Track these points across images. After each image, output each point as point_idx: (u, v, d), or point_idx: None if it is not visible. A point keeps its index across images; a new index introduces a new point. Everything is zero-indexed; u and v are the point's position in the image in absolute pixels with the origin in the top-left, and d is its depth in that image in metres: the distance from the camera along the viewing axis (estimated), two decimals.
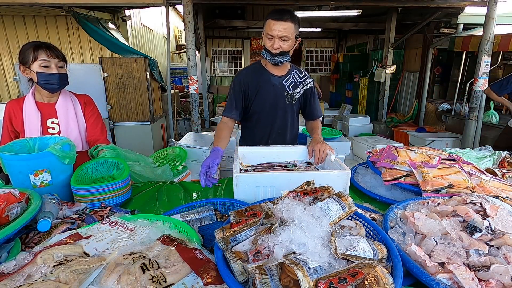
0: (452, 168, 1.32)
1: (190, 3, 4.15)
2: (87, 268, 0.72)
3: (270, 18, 1.49)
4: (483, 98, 4.32)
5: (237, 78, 1.68)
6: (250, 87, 1.67)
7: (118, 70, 4.20)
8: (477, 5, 4.96)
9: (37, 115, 1.52)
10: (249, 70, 1.70)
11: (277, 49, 1.51)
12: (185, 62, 4.98)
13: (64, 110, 1.57)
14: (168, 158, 2.53)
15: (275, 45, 1.50)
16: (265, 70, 1.68)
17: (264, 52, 1.58)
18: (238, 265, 0.72)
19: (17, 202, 1.01)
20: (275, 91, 1.68)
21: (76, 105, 1.64)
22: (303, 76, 1.75)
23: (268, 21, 1.50)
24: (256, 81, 1.66)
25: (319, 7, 6.51)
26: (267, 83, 1.67)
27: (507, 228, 0.85)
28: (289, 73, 1.71)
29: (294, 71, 1.73)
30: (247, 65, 1.78)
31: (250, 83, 1.66)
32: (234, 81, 1.69)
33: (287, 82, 1.70)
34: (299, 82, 1.73)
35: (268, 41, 1.53)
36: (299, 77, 1.73)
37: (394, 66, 6.71)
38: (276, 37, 1.49)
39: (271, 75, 1.68)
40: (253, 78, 1.67)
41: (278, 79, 1.68)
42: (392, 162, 1.42)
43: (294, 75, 1.72)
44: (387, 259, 0.75)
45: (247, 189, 1.21)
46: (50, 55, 1.45)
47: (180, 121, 6.17)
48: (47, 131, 1.55)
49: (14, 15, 5.34)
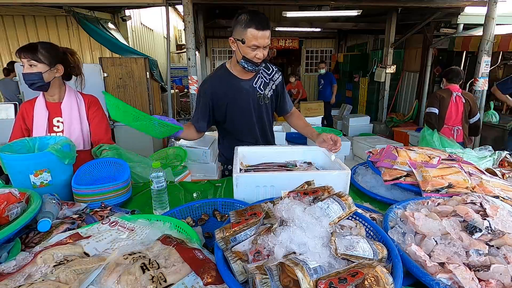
0: (452, 168, 1.32)
1: (190, 3, 4.16)
2: (87, 268, 0.72)
3: (254, 27, 1.36)
4: (483, 98, 4.33)
5: (202, 88, 1.60)
6: (219, 97, 1.59)
7: (118, 70, 4.20)
8: (477, 5, 4.96)
9: (45, 114, 1.58)
10: (215, 79, 1.61)
11: (261, 58, 1.45)
12: (185, 62, 4.98)
13: (68, 110, 1.62)
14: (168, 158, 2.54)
15: (260, 55, 1.44)
16: (233, 77, 1.59)
17: (244, 62, 1.47)
18: (238, 265, 0.72)
19: (17, 202, 1.01)
20: (247, 96, 1.61)
21: (81, 104, 1.67)
22: (271, 72, 1.67)
23: (250, 31, 1.37)
24: (224, 89, 1.58)
25: (319, 7, 6.51)
26: (238, 90, 1.59)
27: (507, 228, 0.85)
28: (257, 73, 1.63)
29: (262, 69, 1.65)
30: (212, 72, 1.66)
31: (218, 93, 1.58)
32: (200, 91, 1.61)
33: (257, 84, 1.63)
34: (268, 79, 1.66)
35: (251, 52, 1.42)
36: (267, 75, 1.66)
37: (394, 66, 6.71)
38: (261, 47, 1.41)
39: (240, 81, 1.60)
40: (221, 87, 1.59)
41: (248, 82, 1.61)
42: (392, 162, 1.41)
43: (262, 74, 1.65)
44: (387, 259, 0.75)
45: (247, 189, 1.21)
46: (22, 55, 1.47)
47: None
48: (52, 129, 1.61)
49: (14, 15, 5.34)
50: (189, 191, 1.50)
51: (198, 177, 2.92)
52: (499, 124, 4.52)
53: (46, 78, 1.51)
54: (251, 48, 1.41)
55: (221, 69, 1.64)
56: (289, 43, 9.61)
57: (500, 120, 4.67)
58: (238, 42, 1.44)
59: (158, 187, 1.18)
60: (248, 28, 1.37)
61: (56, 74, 1.56)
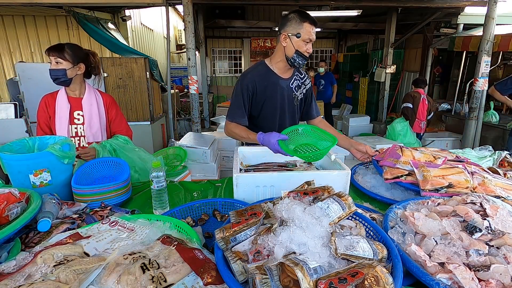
0: (455, 169, 1.32)
1: (190, 3, 4.15)
2: (87, 268, 0.72)
3: (309, 22, 1.49)
4: (483, 98, 4.33)
5: (243, 82, 1.60)
6: (258, 92, 1.61)
7: (118, 70, 4.20)
8: (477, 5, 4.96)
9: (67, 106, 1.75)
10: (256, 73, 1.62)
11: (310, 52, 1.55)
12: (185, 62, 4.98)
13: (88, 105, 1.78)
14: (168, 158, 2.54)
15: (310, 49, 1.54)
16: (272, 73, 1.63)
17: (297, 56, 1.55)
18: (238, 265, 0.72)
19: (17, 202, 1.01)
20: (284, 94, 1.66)
21: (100, 101, 1.83)
22: (303, 77, 1.75)
23: (306, 25, 1.49)
24: (264, 85, 1.61)
25: (319, 7, 6.50)
26: (276, 87, 1.63)
27: (507, 228, 0.85)
28: (293, 75, 1.70)
29: (296, 72, 1.73)
30: (251, 67, 1.68)
31: (258, 88, 1.61)
32: (241, 85, 1.60)
33: (293, 84, 1.69)
34: (301, 83, 1.73)
35: (304, 45, 1.52)
36: (300, 78, 1.73)
37: (394, 66, 6.71)
38: (312, 41, 1.53)
39: (279, 79, 1.64)
40: (261, 82, 1.61)
41: (285, 81, 1.66)
42: (395, 161, 1.42)
43: (296, 77, 1.72)
44: (387, 259, 0.75)
45: (247, 189, 1.21)
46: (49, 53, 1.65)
47: (180, 121, 6.17)
48: (73, 121, 1.77)
49: (14, 15, 5.34)
50: (189, 191, 1.50)
51: (198, 177, 2.92)
52: (499, 124, 4.52)
53: (69, 74, 1.67)
54: (305, 42, 1.51)
55: (261, 65, 1.67)
56: None
57: (500, 120, 4.67)
58: (292, 37, 1.52)
59: (158, 187, 1.18)
60: (304, 22, 1.49)
61: (78, 72, 1.71)
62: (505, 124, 4.33)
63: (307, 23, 1.49)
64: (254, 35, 9.57)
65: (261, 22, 8.11)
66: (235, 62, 10.14)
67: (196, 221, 1.15)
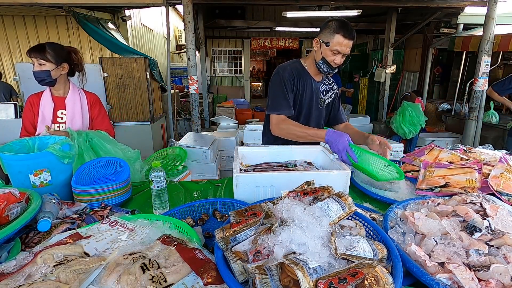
0: (463, 169, 1.31)
1: (190, 3, 4.15)
2: (87, 268, 0.72)
3: (342, 34, 1.46)
4: (483, 98, 4.33)
5: (285, 74, 1.61)
6: (296, 86, 1.64)
7: (118, 70, 4.20)
8: (477, 5, 4.96)
9: (51, 106, 1.75)
10: (294, 68, 1.65)
11: (337, 64, 1.54)
12: (185, 62, 4.98)
13: (71, 104, 1.78)
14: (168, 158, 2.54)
15: (338, 61, 1.53)
16: (307, 73, 1.67)
17: (322, 63, 1.56)
18: (238, 265, 0.72)
19: (17, 202, 1.01)
20: (313, 95, 1.69)
21: (84, 100, 1.83)
22: (332, 82, 1.78)
23: (338, 37, 1.47)
24: (300, 81, 1.65)
25: (319, 7, 6.51)
26: (309, 86, 1.67)
27: (507, 228, 0.85)
28: (323, 79, 1.74)
29: (325, 78, 1.76)
30: (287, 63, 1.70)
31: (296, 82, 1.64)
32: (282, 77, 1.61)
33: (322, 88, 1.72)
34: (329, 88, 1.76)
35: (332, 55, 1.52)
36: (329, 84, 1.77)
37: (394, 66, 6.71)
38: (342, 53, 1.51)
39: (312, 79, 1.68)
40: (298, 77, 1.64)
41: (316, 84, 1.69)
42: (414, 159, 1.50)
43: (326, 81, 1.75)
44: (387, 259, 0.75)
45: (247, 189, 1.21)
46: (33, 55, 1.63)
47: (180, 121, 6.17)
48: (56, 120, 1.77)
49: (14, 15, 5.34)
50: (189, 191, 1.50)
51: (198, 177, 2.92)
52: (499, 124, 4.52)
53: (53, 75, 1.67)
54: (333, 52, 1.51)
55: (297, 63, 1.69)
56: (289, 43, 9.61)
57: (500, 120, 4.67)
58: (322, 44, 1.53)
59: (158, 187, 1.18)
60: (337, 33, 1.47)
61: (62, 72, 1.71)
62: (505, 124, 4.33)
63: (339, 35, 1.47)
64: (254, 35, 9.58)
65: (261, 22, 8.12)
66: (235, 62, 10.14)
67: (196, 221, 1.15)
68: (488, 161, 1.40)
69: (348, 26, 1.48)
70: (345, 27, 1.47)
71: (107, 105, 4.26)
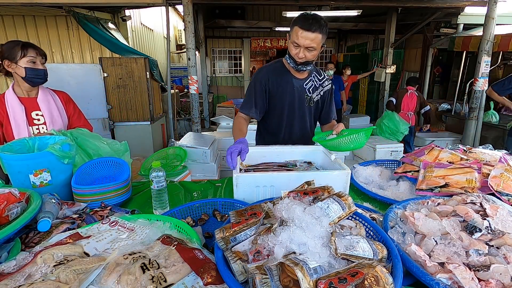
0: (463, 169, 1.31)
1: (190, 3, 4.15)
2: (87, 268, 0.72)
3: (298, 25, 1.42)
4: (483, 98, 4.32)
5: (259, 76, 1.63)
6: (271, 87, 1.63)
7: (118, 70, 4.19)
8: (477, 5, 4.96)
9: (22, 108, 1.64)
10: (271, 69, 1.65)
11: (302, 58, 1.47)
12: (185, 62, 4.98)
13: (46, 103, 1.71)
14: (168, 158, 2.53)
15: (300, 55, 1.46)
16: (287, 72, 1.64)
17: (288, 58, 1.54)
18: (238, 265, 0.72)
19: (17, 202, 1.01)
20: (295, 93, 1.65)
21: (56, 99, 1.77)
22: (322, 78, 1.71)
23: (295, 29, 1.43)
24: (277, 81, 1.62)
25: (319, 7, 6.51)
26: (288, 85, 1.63)
27: (507, 228, 0.85)
28: (309, 75, 1.68)
29: (314, 73, 1.70)
30: (269, 63, 1.70)
31: (271, 82, 1.62)
32: (255, 78, 1.64)
33: (307, 85, 1.67)
34: (318, 84, 1.70)
35: (293, 49, 1.48)
36: (318, 80, 1.70)
37: (394, 66, 6.70)
38: (302, 46, 1.44)
39: (292, 77, 1.64)
40: (275, 77, 1.62)
41: (299, 81, 1.65)
42: (414, 159, 1.49)
43: (314, 78, 1.69)
44: (387, 259, 0.75)
45: (247, 189, 1.21)
46: (37, 53, 1.61)
47: (180, 121, 6.17)
48: (33, 122, 1.68)
49: (14, 15, 5.33)
50: (189, 191, 1.50)
51: (198, 177, 2.91)
52: (499, 124, 4.52)
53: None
54: (293, 45, 1.47)
55: (277, 63, 1.67)
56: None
57: (500, 120, 4.67)
58: (288, 37, 1.51)
59: (158, 187, 1.18)
60: (295, 25, 1.43)
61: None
62: (504, 124, 4.33)
63: (297, 26, 1.42)
64: (254, 35, 9.57)
65: (261, 22, 8.11)
66: (235, 62, 10.14)
67: (196, 221, 1.15)
68: (488, 161, 1.39)
69: (308, 17, 1.41)
70: (304, 18, 1.41)
71: (107, 105, 4.27)
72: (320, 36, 1.42)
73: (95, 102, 4.19)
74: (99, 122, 4.26)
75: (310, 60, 1.49)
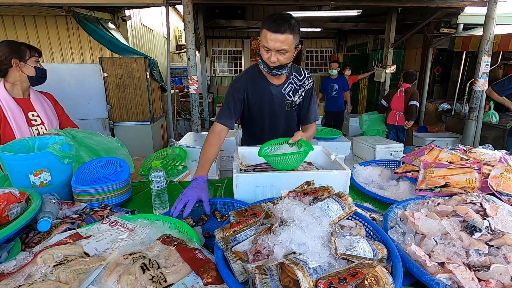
0: (463, 169, 1.31)
1: (190, 3, 4.15)
2: (87, 268, 0.72)
3: (266, 28, 1.32)
4: (483, 98, 4.33)
5: (237, 85, 1.56)
6: (250, 96, 1.57)
7: (118, 70, 4.19)
8: (477, 5, 4.96)
9: (20, 109, 1.63)
10: (247, 78, 1.57)
11: (275, 62, 1.38)
12: (185, 62, 4.98)
13: (39, 104, 1.71)
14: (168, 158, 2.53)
15: (272, 59, 1.37)
16: (263, 79, 1.56)
17: (261, 63, 1.45)
18: (238, 265, 0.72)
19: (17, 202, 1.01)
20: (274, 100, 1.59)
21: (46, 100, 1.78)
22: (303, 78, 1.62)
23: (264, 32, 1.33)
24: (256, 90, 1.57)
25: (319, 7, 6.51)
26: (266, 93, 1.57)
27: (507, 228, 0.85)
28: (288, 78, 1.59)
29: (293, 74, 1.60)
30: (245, 70, 1.62)
31: (250, 92, 1.57)
32: (234, 89, 1.56)
33: (286, 90, 1.59)
34: (299, 85, 1.61)
35: (265, 53, 1.39)
36: (298, 80, 1.61)
37: (394, 66, 6.70)
38: (273, 50, 1.34)
39: (270, 85, 1.57)
40: (252, 86, 1.56)
41: (277, 88, 1.58)
42: (414, 159, 1.49)
43: (293, 80, 1.60)
44: (387, 259, 0.75)
45: (247, 189, 1.21)
46: (38, 53, 1.64)
47: (180, 121, 6.17)
48: (31, 123, 1.66)
49: (14, 15, 5.33)
50: None
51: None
52: (499, 124, 4.52)
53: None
54: (264, 49, 1.38)
55: (254, 69, 1.58)
56: None
57: (500, 120, 4.67)
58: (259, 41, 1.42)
59: (158, 187, 1.18)
60: (263, 28, 1.34)
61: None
62: (504, 124, 4.33)
63: (265, 29, 1.32)
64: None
65: (261, 22, 8.11)
66: (235, 62, 10.14)
67: (196, 221, 1.15)
68: (488, 161, 1.39)
69: (276, 18, 1.31)
70: (271, 20, 1.31)
71: (107, 105, 4.27)
72: (291, 36, 1.32)
73: (95, 102, 4.19)
74: (99, 122, 4.26)
75: (284, 63, 1.40)
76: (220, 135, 1.53)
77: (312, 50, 10.30)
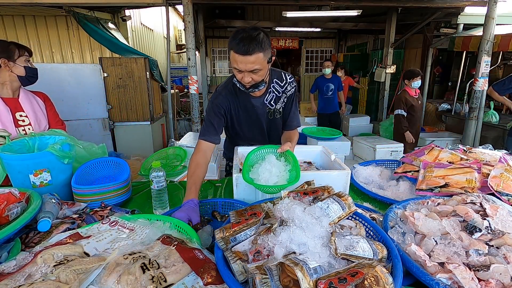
0: (463, 169, 1.31)
1: (190, 3, 4.15)
2: (87, 268, 0.72)
3: (234, 51, 1.22)
4: (483, 98, 4.33)
5: (216, 101, 1.49)
6: (232, 111, 1.53)
7: (118, 70, 4.20)
8: (477, 5, 4.96)
9: (7, 109, 1.60)
10: (227, 92, 1.50)
11: (249, 82, 1.31)
12: (185, 62, 4.98)
13: (28, 104, 1.68)
14: (168, 158, 2.53)
15: (246, 79, 1.29)
16: (243, 92, 1.45)
17: (236, 81, 1.36)
18: (238, 265, 0.72)
19: (17, 202, 1.02)
20: (257, 112, 1.55)
21: (37, 99, 1.75)
22: (284, 83, 1.53)
23: (232, 54, 1.24)
24: (236, 104, 1.52)
25: (319, 7, 6.50)
26: (248, 105, 1.52)
27: (507, 228, 0.85)
28: (268, 87, 1.51)
29: (274, 81, 1.52)
30: (223, 85, 1.54)
31: (231, 106, 1.51)
32: (213, 104, 1.50)
33: (268, 99, 1.54)
34: (281, 92, 1.54)
35: (237, 73, 1.30)
36: (280, 87, 1.53)
37: (394, 66, 6.70)
38: (245, 71, 1.26)
39: (250, 97, 1.50)
40: (233, 101, 1.51)
41: (259, 99, 1.52)
42: (414, 159, 1.49)
43: (274, 88, 1.52)
44: (387, 259, 0.75)
45: (247, 189, 1.21)
46: (29, 52, 1.61)
47: (180, 121, 6.17)
48: (18, 123, 1.64)
49: (14, 15, 5.33)
50: None
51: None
52: (499, 124, 4.52)
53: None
54: (235, 69, 1.30)
55: (232, 84, 1.48)
56: (289, 43, 9.61)
57: (500, 120, 4.67)
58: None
59: (158, 187, 1.18)
60: (231, 49, 1.24)
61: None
62: (504, 124, 4.33)
63: (232, 51, 1.23)
64: None
65: (261, 22, 8.11)
66: None
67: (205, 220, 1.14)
68: (488, 161, 1.40)
69: (242, 38, 1.19)
70: (237, 42, 1.20)
71: (107, 105, 4.27)
72: (261, 54, 1.23)
73: (95, 102, 4.19)
74: (99, 122, 4.26)
75: (258, 81, 1.32)
76: (205, 154, 1.43)
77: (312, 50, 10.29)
